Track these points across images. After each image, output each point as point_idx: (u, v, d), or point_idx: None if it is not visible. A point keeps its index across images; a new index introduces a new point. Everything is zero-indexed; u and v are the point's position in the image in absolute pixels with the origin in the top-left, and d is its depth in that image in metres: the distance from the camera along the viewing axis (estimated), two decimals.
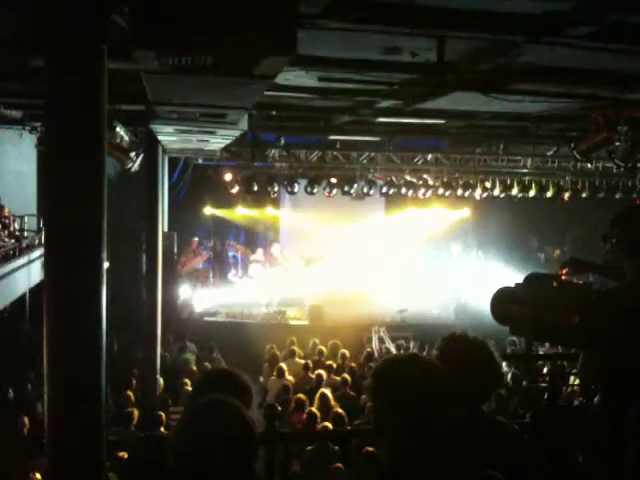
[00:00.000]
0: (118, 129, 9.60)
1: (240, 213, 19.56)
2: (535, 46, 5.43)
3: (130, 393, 9.57)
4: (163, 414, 8.23)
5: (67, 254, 3.99)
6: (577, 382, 8.86)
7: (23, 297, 12.56)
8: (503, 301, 2.99)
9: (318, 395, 8.89)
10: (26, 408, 8.61)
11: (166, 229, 15.78)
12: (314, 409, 8.30)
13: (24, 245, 11.94)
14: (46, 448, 4.12)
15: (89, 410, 4.04)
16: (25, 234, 12.68)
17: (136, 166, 11.58)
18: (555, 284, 2.99)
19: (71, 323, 4.00)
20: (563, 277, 3.19)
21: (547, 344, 11.62)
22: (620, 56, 5.86)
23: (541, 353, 11.89)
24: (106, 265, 4.22)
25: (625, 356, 2.79)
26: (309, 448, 6.65)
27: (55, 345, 4.06)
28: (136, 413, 8.39)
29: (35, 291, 12.08)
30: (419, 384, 2.08)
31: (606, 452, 2.99)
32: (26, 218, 13.00)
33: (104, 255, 4.11)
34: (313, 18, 4.60)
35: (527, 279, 3.07)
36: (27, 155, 13.39)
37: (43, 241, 7.02)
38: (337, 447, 6.50)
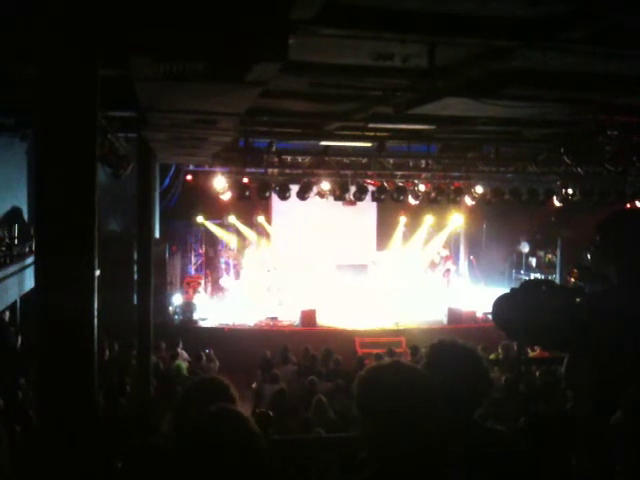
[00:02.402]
0: (109, 136, 9.58)
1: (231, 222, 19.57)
2: (527, 51, 5.45)
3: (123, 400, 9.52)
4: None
5: (58, 261, 3.96)
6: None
7: (14, 304, 12.51)
8: (501, 307, 3.01)
9: (314, 401, 8.87)
10: (18, 415, 8.55)
11: (157, 236, 15.74)
12: (309, 415, 8.28)
13: (15, 253, 11.88)
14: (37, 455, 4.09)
15: (81, 418, 4.01)
16: (16, 242, 12.61)
17: (127, 172, 11.55)
18: (544, 288, 3.01)
19: (62, 330, 3.97)
20: (572, 279, 3.26)
21: (537, 348, 11.69)
22: (611, 60, 5.90)
23: (533, 357, 11.95)
24: (97, 272, 4.20)
25: (607, 359, 2.81)
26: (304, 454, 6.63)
27: (46, 352, 4.03)
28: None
29: (26, 298, 12.03)
30: (403, 391, 2.08)
31: (598, 454, 3.00)
32: (16, 225, 12.94)
33: (95, 262, 4.09)
34: (305, 24, 4.61)
35: (522, 285, 3.09)
36: (18, 162, 13.33)
37: (34, 248, 7.03)
38: (331, 453, 6.49)
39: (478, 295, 18.63)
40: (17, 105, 9.23)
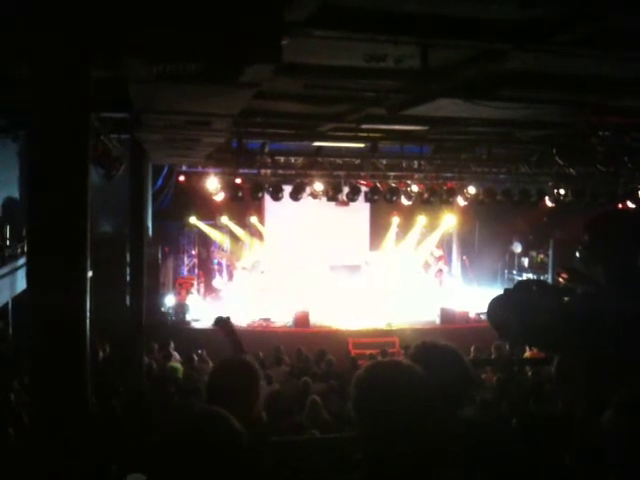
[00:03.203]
0: (102, 137, 9.55)
1: (224, 222, 19.54)
2: (521, 53, 5.46)
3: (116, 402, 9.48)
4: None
5: (50, 263, 3.95)
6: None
7: (6, 306, 12.45)
8: (494, 307, 3.02)
9: (308, 402, 8.86)
10: (10, 417, 8.51)
11: (150, 236, 15.71)
12: (302, 416, 8.27)
13: (7, 254, 11.83)
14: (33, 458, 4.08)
15: (74, 419, 4.00)
16: (7, 243, 12.56)
17: (120, 174, 11.52)
18: (535, 288, 3.02)
19: (54, 332, 3.97)
20: (561, 280, 3.26)
21: (532, 348, 11.71)
22: (604, 62, 5.92)
23: (528, 358, 11.98)
24: (90, 273, 4.20)
25: (596, 359, 2.83)
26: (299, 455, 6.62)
27: (39, 353, 4.02)
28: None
29: (18, 300, 11.98)
30: (403, 391, 2.08)
31: (590, 454, 3.02)
32: (8, 226, 12.88)
33: (88, 263, 4.08)
34: (298, 26, 4.61)
35: (515, 285, 3.10)
36: (10, 163, 13.28)
37: (26, 250, 7.00)
38: (326, 454, 6.47)
39: (471, 295, 18.66)
40: (9, 106, 9.19)
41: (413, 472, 2.04)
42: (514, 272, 21.07)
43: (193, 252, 20.10)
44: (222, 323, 4.44)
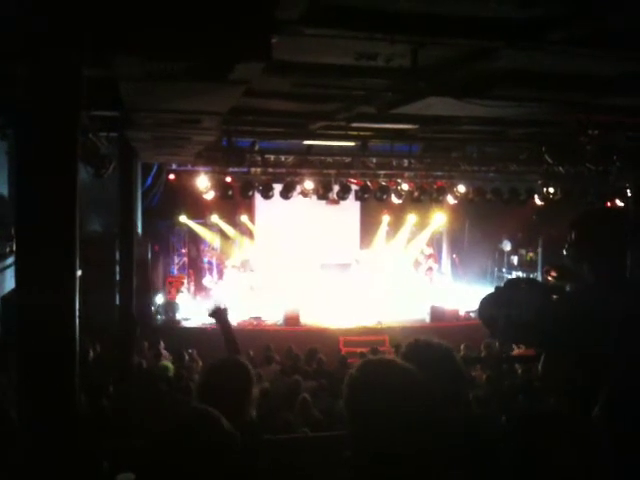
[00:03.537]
0: (91, 135, 9.51)
1: (214, 221, 19.48)
2: (513, 51, 5.46)
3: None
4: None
5: (39, 262, 3.94)
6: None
7: None
8: (485, 305, 3.03)
9: (299, 400, 8.85)
10: None
11: (140, 235, 15.65)
12: (293, 414, 8.26)
13: None
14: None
15: (63, 418, 3.99)
16: None
17: (109, 172, 11.47)
18: (524, 286, 3.03)
19: (43, 331, 3.95)
20: (549, 278, 3.27)
21: (521, 346, 11.74)
22: (594, 61, 5.93)
23: (516, 355, 12.02)
24: (78, 272, 4.18)
25: (583, 358, 2.84)
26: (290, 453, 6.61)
27: (27, 352, 4.00)
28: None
29: (7, 299, 11.91)
30: (394, 389, 2.07)
31: (578, 452, 3.03)
32: None
33: (76, 262, 4.06)
34: (288, 24, 4.60)
35: (505, 283, 3.12)
36: None
37: (14, 249, 6.92)
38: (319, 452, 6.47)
39: (461, 293, 18.70)
40: None
41: (405, 471, 2.04)
42: (504, 270, 21.12)
43: (183, 251, 20.03)
44: (218, 314, 4.41)
